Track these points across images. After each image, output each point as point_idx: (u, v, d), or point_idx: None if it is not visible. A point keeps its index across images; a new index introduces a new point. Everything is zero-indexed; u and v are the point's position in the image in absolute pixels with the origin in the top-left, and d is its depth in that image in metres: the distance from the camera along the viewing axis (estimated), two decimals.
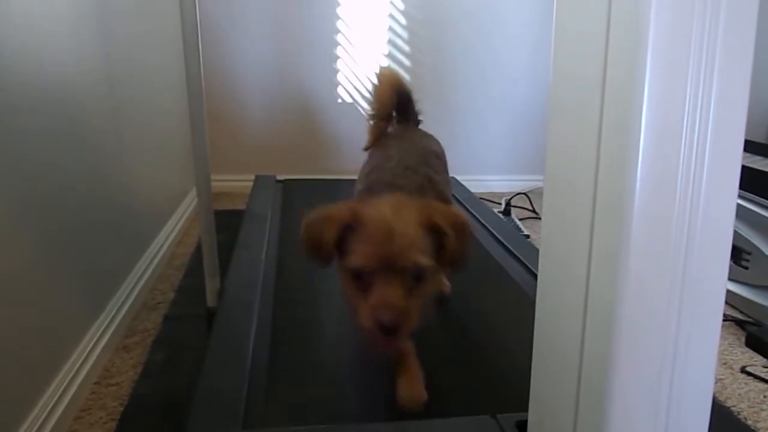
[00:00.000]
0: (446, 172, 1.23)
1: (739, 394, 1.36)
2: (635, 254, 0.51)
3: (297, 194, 2.14)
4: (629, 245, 0.51)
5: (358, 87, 2.84)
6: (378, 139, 1.29)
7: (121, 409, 1.22)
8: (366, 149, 1.33)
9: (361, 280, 0.82)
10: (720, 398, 1.34)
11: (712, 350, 0.57)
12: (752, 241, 1.65)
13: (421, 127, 1.38)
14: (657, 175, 0.50)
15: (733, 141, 0.52)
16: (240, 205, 2.35)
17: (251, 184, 2.21)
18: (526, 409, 0.71)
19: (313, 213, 0.89)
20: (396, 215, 0.83)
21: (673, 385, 0.55)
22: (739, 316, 1.67)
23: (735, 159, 0.53)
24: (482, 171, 3.01)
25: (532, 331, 0.69)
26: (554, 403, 0.63)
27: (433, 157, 1.18)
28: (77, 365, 1.24)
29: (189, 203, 2.42)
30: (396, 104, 1.31)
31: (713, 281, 0.55)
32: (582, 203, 0.55)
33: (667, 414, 0.56)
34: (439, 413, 0.86)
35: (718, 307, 0.57)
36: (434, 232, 0.84)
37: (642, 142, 0.49)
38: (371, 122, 1.32)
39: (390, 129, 1.32)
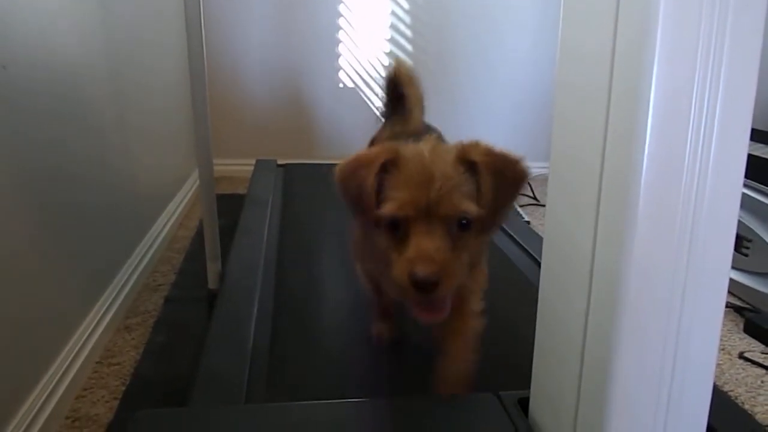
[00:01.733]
0: None
1: (737, 379, 1.37)
2: (641, 235, 0.51)
3: (298, 179, 2.14)
4: (635, 226, 0.51)
5: (359, 72, 2.82)
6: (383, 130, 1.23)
7: (123, 388, 1.23)
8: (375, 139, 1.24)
9: (396, 230, 0.72)
10: (718, 383, 1.35)
11: (715, 332, 0.58)
12: (753, 228, 1.66)
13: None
14: (664, 157, 0.50)
15: (741, 125, 0.52)
16: (240, 190, 2.35)
17: (252, 168, 2.21)
18: (527, 388, 0.72)
19: (347, 159, 0.79)
20: (436, 156, 0.73)
21: (675, 367, 0.56)
22: (738, 303, 1.68)
23: (742, 143, 0.53)
24: None
25: (532, 312, 0.70)
26: (557, 380, 0.63)
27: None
28: (79, 345, 1.25)
29: (190, 187, 2.42)
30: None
31: (717, 263, 0.55)
32: (588, 182, 0.55)
33: (669, 394, 0.56)
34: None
35: (722, 289, 0.57)
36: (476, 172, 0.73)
37: (649, 123, 0.49)
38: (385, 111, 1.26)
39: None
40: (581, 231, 0.57)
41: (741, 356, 1.45)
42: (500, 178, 0.72)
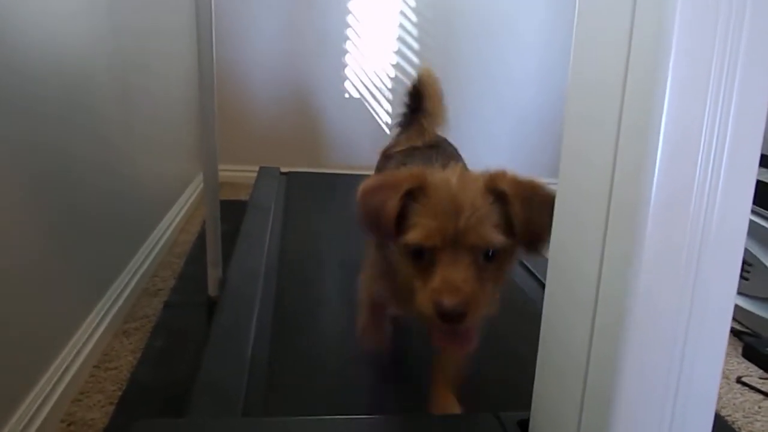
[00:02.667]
0: None
1: (735, 404, 1.37)
2: (648, 260, 0.51)
3: (300, 187, 2.14)
4: (642, 253, 0.51)
5: (365, 82, 2.83)
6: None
7: (120, 393, 1.22)
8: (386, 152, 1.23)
9: (421, 258, 0.71)
10: (715, 408, 1.34)
11: (719, 360, 0.58)
12: (753, 252, 1.66)
13: None
14: (673, 183, 0.50)
15: (750, 154, 0.52)
16: (243, 196, 2.35)
17: (255, 175, 2.21)
18: (526, 409, 0.71)
19: (372, 179, 0.78)
20: (464, 184, 0.72)
21: (678, 392, 0.56)
22: (737, 327, 1.68)
23: (751, 171, 0.53)
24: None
25: (532, 331, 0.70)
26: (558, 402, 0.63)
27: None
28: (77, 348, 1.24)
29: (192, 192, 2.42)
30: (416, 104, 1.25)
31: (723, 292, 0.56)
32: (596, 206, 0.55)
33: (672, 420, 0.56)
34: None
35: (726, 318, 0.57)
36: (505, 202, 0.73)
37: (660, 150, 0.49)
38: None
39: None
40: (587, 256, 0.57)
41: (739, 381, 1.45)
42: (530, 207, 0.72)
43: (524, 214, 0.71)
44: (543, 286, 1.37)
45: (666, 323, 0.54)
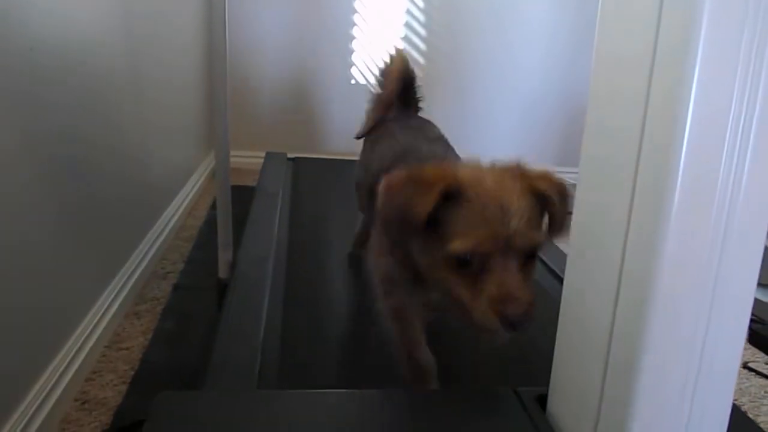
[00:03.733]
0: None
1: (741, 389, 1.38)
2: (672, 242, 0.52)
3: (307, 173, 2.14)
4: (667, 233, 0.51)
5: (371, 68, 2.83)
6: (376, 125, 1.21)
7: (132, 372, 1.23)
8: (360, 136, 1.24)
9: (467, 266, 0.68)
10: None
11: (740, 340, 0.58)
12: None
13: (427, 114, 1.31)
14: (699, 169, 0.51)
15: None
16: (250, 182, 2.35)
17: (262, 161, 2.21)
18: (543, 384, 0.72)
19: (398, 174, 0.73)
20: (501, 184, 0.69)
21: (700, 371, 0.56)
22: None
23: None
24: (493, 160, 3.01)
25: (548, 310, 0.70)
26: (578, 379, 0.64)
27: (446, 144, 1.10)
28: (89, 329, 1.25)
29: (198, 177, 2.42)
30: (401, 89, 1.24)
31: (745, 274, 0.56)
32: (621, 186, 0.56)
33: (693, 398, 0.57)
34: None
35: (748, 299, 0.58)
36: (540, 200, 0.72)
37: (687, 135, 0.49)
38: (372, 105, 1.23)
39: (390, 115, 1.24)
40: (610, 235, 0.58)
41: (745, 366, 1.46)
42: (566, 204, 0.72)
43: (563, 212, 0.72)
44: (549, 269, 1.38)
45: (689, 303, 0.54)
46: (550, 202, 0.72)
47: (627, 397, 0.55)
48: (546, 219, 0.74)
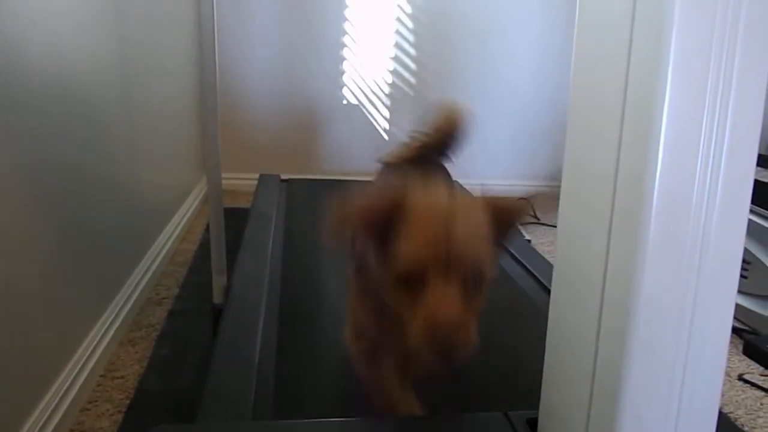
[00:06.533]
0: None
1: (737, 401, 1.38)
2: (651, 262, 0.53)
3: (301, 194, 2.15)
4: (645, 253, 0.53)
5: (363, 88, 2.85)
6: (401, 162, 1.15)
7: (128, 401, 1.23)
8: (387, 162, 1.17)
9: (408, 285, 0.65)
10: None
11: (722, 356, 0.59)
12: (752, 251, 1.67)
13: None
14: (674, 187, 0.52)
15: (747, 156, 0.54)
16: (243, 204, 2.36)
17: (255, 182, 2.22)
18: (534, 407, 0.73)
19: (342, 202, 0.71)
20: (452, 208, 0.67)
21: (683, 390, 0.57)
22: (737, 325, 1.69)
23: (748, 174, 0.55)
24: (483, 175, 3.03)
25: (533, 332, 0.71)
26: (566, 401, 0.65)
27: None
28: (84, 358, 1.25)
29: (192, 200, 2.43)
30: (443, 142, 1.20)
31: (724, 288, 0.57)
32: (600, 210, 0.57)
33: (677, 417, 0.58)
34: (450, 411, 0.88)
35: (728, 316, 0.59)
36: (500, 228, 0.70)
37: (660, 154, 0.51)
38: (412, 144, 1.17)
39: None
40: (591, 259, 0.59)
41: (740, 378, 1.47)
42: (514, 228, 0.72)
43: (509, 235, 0.72)
44: (541, 284, 1.39)
45: (670, 323, 0.55)
46: (509, 227, 0.71)
47: (612, 421, 0.56)
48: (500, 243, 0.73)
